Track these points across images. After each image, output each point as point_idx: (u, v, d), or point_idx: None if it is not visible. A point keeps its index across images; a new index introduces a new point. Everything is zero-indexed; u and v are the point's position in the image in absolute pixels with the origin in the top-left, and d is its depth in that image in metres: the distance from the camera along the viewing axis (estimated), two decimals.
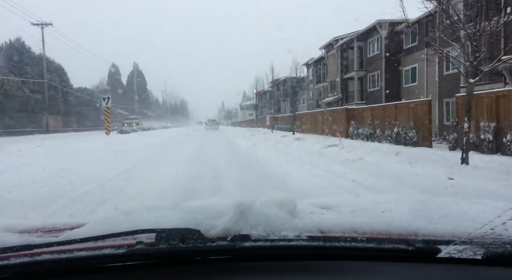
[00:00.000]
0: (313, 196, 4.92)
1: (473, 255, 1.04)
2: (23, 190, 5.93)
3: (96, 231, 1.10)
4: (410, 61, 24.99)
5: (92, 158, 10.60)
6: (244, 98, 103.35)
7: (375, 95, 27.79)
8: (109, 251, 1.00)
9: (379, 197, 2.11)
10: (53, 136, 29.22)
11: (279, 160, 10.39)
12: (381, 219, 1.32)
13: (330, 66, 35.56)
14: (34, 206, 5.06)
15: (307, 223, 1.20)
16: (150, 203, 1.49)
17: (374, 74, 28.16)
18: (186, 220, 1.13)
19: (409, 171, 7.89)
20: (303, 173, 8.12)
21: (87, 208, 4.85)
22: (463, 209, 1.53)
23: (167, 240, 1.01)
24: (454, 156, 9.65)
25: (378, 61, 27.31)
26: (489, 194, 5.43)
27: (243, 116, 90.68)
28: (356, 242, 1.06)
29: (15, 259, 0.97)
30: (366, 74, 29.48)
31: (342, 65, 32.55)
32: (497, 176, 7.02)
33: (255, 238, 1.06)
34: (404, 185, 6.45)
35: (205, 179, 7.29)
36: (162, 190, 6.00)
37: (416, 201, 1.60)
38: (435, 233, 1.16)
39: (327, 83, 36.78)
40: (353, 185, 6.42)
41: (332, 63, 35.03)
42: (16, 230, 1.35)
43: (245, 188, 6.36)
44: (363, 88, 30.01)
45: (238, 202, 1.17)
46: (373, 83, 28.51)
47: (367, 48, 29.04)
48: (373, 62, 28.18)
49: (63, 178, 7.01)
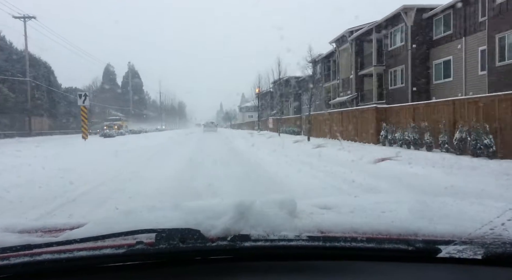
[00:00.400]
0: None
1: (473, 255, 1.04)
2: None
3: (96, 231, 1.09)
4: (442, 53, 21.37)
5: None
6: (243, 100, 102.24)
7: (398, 94, 24.16)
8: (109, 251, 1.00)
9: (379, 197, 2.06)
10: (21, 141, 25.08)
11: (325, 188, 6.49)
12: (381, 219, 1.31)
13: (342, 62, 31.91)
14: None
15: (307, 223, 1.20)
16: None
17: (397, 69, 24.53)
18: (186, 220, 1.13)
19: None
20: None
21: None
22: (463, 209, 1.54)
23: (167, 240, 1.01)
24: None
25: (402, 54, 23.67)
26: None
27: (242, 118, 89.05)
28: (356, 242, 1.06)
29: (15, 259, 0.97)
30: (386, 70, 25.84)
31: (357, 61, 28.90)
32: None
33: (255, 238, 1.06)
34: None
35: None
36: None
37: (416, 201, 1.58)
38: (435, 233, 1.16)
39: (338, 81, 33.18)
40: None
41: (344, 59, 31.38)
42: (16, 230, 1.35)
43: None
44: (383, 85, 26.36)
45: (238, 202, 1.17)
46: (395, 79, 24.86)
47: (388, 40, 25.38)
48: (396, 55, 24.55)
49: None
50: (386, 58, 25.88)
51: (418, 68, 22.70)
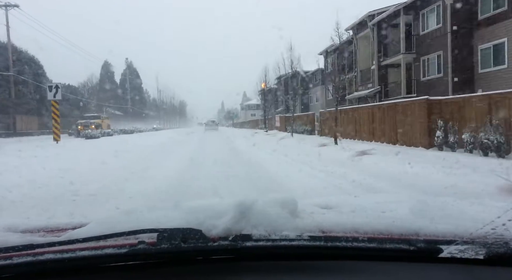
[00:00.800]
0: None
1: (474, 255, 1.02)
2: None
3: (98, 231, 1.08)
4: (493, 36, 17.59)
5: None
6: (244, 99, 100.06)
7: (434, 85, 20.42)
8: (111, 251, 0.99)
9: (380, 197, 2.03)
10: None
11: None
12: (382, 219, 1.30)
13: (361, 51, 28.10)
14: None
15: (308, 223, 1.18)
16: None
17: (432, 57, 20.75)
18: (188, 220, 1.12)
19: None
20: None
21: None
22: (464, 209, 1.53)
23: (168, 240, 1.00)
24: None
25: (439, 38, 19.90)
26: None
27: (244, 117, 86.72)
28: (358, 242, 1.04)
29: (17, 258, 0.97)
30: (417, 58, 22.06)
31: (379, 49, 25.12)
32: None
33: (257, 238, 1.05)
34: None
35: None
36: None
37: (417, 201, 1.56)
38: (436, 233, 1.14)
39: (355, 73, 29.34)
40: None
41: (364, 48, 27.58)
42: (18, 229, 1.34)
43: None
44: (413, 76, 22.60)
45: (239, 202, 1.15)
46: (429, 69, 21.08)
47: (420, 23, 21.61)
48: (430, 40, 20.77)
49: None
50: (416, 44, 22.09)
51: (460, 54, 18.94)
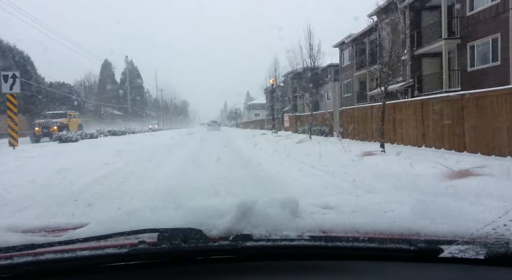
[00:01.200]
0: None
1: (475, 255, 1.01)
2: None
3: (99, 230, 1.08)
4: None
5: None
6: (248, 98, 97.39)
7: (487, 76, 16.69)
8: (112, 251, 0.99)
9: (380, 197, 2.04)
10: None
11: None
12: (383, 219, 1.29)
13: (386, 39, 24.35)
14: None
15: (309, 223, 1.18)
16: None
17: (484, 42, 17.05)
18: (188, 220, 1.11)
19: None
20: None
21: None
22: (464, 209, 1.53)
23: (169, 240, 1.00)
24: None
25: (495, 18, 16.19)
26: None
27: (248, 117, 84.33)
28: (358, 242, 1.04)
29: (18, 258, 0.96)
30: (463, 44, 18.36)
31: (412, 36, 21.42)
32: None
33: (257, 238, 1.05)
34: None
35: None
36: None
37: (417, 201, 1.55)
38: (437, 233, 1.14)
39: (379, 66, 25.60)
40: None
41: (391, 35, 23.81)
42: (19, 229, 1.33)
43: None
44: (456, 66, 18.88)
45: (240, 202, 1.15)
46: (481, 56, 17.38)
47: (468, 1, 17.91)
48: (481, 21, 17.07)
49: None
50: (461, 27, 18.40)
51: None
